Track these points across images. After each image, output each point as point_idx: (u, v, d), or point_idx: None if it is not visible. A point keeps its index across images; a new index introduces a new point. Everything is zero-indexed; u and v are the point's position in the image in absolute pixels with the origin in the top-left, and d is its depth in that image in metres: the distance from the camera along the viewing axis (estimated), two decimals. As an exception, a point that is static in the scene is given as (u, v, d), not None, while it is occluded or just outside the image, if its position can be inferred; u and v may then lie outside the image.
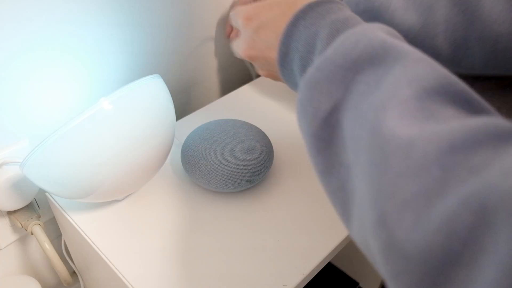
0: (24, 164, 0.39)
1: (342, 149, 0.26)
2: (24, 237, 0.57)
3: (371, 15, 0.41)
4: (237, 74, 0.76)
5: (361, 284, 0.86)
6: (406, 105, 0.23)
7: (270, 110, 0.65)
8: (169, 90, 0.46)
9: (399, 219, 0.20)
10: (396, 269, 0.20)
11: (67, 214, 0.48)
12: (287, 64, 0.34)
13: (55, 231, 0.59)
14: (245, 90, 0.69)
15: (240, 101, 0.67)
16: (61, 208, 0.49)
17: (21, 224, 0.52)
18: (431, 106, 0.22)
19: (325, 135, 0.27)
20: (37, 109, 0.50)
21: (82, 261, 0.57)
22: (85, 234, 0.46)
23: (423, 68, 0.24)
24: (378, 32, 0.27)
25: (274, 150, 0.53)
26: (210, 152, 0.48)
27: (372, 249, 0.23)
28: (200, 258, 0.44)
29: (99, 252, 0.44)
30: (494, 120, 0.20)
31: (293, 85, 0.35)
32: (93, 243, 0.45)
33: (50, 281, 0.65)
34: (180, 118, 0.63)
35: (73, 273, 0.60)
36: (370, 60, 0.26)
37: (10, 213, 0.52)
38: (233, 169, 0.47)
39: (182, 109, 0.68)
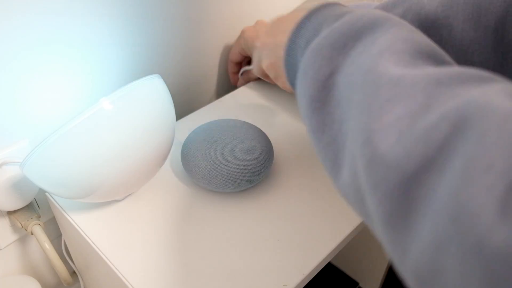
0: (24, 164, 0.39)
1: (336, 107, 0.28)
2: (24, 237, 0.58)
3: None
4: (237, 74, 0.76)
5: (361, 284, 0.86)
6: (400, 56, 0.25)
7: (270, 110, 0.65)
8: (169, 90, 0.46)
9: (384, 135, 0.22)
10: (376, 178, 0.22)
11: (67, 214, 0.48)
12: (292, 51, 0.36)
13: (55, 231, 0.59)
14: (245, 90, 0.69)
15: (240, 101, 0.67)
16: (61, 208, 0.49)
17: (21, 224, 0.52)
18: (422, 62, 0.25)
19: (322, 96, 0.29)
20: (37, 109, 0.50)
21: (82, 261, 0.57)
22: (85, 234, 0.46)
23: (416, 35, 0.27)
24: (382, 12, 0.30)
25: (274, 150, 0.53)
26: (210, 152, 0.48)
27: (360, 179, 0.24)
28: (200, 258, 0.44)
29: (99, 252, 0.44)
30: (476, 70, 0.23)
31: (292, 75, 0.36)
32: (93, 243, 0.45)
33: (50, 281, 0.65)
34: (180, 118, 0.63)
35: (73, 273, 0.60)
36: (371, 28, 0.29)
37: (10, 213, 0.52)
38: (233, 169, 0.47)
39: (182, 109, 0.68)
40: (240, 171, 0.47)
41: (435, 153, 0.20)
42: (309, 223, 0.48)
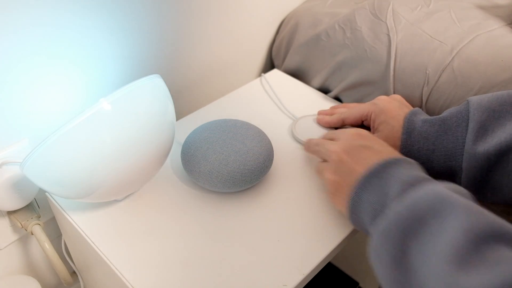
0: (24, 164, 0.39)
1: None
2: (24, 237, 0.58)
3: None
4: (237, 74, 0.76)
5: (361, 284, 0.86)
6: (462, 252, 0.28)
7: (270, 110, 0.65)
8: (169, 90, 0.46)
9: None
10: None
11: (67, 214, 0.48)
12: (358, 211, 0.40)
13: (55, 231, 0.59)
14: (245, 90, 0.69)
15: (240, 101, 0.67)
16: (61, 208, 0.49)
17: (21, 224, 0.52)
18: (486, 251, 0.28)
19: (401, 276, 0.33)
20: (37, 109, 0.50)
21: (82, 261, 0.57)
22: (85, 234, 0.46)
23: (474, 217, 0.30)
24: (437, 188, 0.34)
25: (274, 150, 0.53)
26: (210, 152, 0.48)
27: None
28: (199, 258, 0.44)
29: (99, 252, 0.44)
30: None
31: (359, 226, 0.42)
32: (93, 243, 0.45)
33: (50, 281, 0.65)
34: (180, 118, 0.63)
35: (73, 273, 0.60)
36: (431, 214, 0.32)
37: (10, 213, 0.52)
38: (233, 169, 0.47)
39: (182, 109, 0.68)
40: (240, 171, 0.47)
41: None
42: (309, 223, 0.48)
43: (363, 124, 0.55)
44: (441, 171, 0.46)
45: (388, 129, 0.50)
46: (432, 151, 0.46)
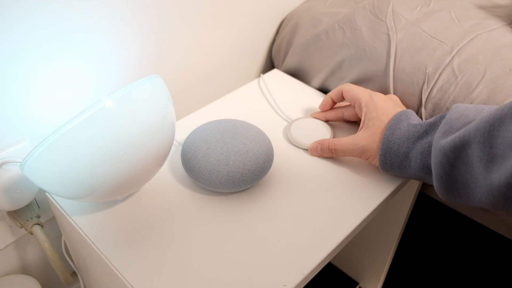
0: (24, 164, 0.39)
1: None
2: (24, 237, 0.58)
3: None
4: (237, 74, 0.76)
5: (361, 284, 0.86)
6: None
7: (270, 110, 0.65)
8: (169, 90, 0.46)
9: None
10: None
11: (67, 214, 0.48)
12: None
13: (55, 231, 0.59)
14: (245, 90, 0.69)
15: (240, 101, 0.67)
16: (61, 208, 0.49)
17: (21, 224, 0.52)
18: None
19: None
20: (38, 109, 0.50)
21: (82, 261, 0.57)
22: (85, 234, 0.46)
23: None
24: None
25: (274, 150, 0.53)
26: (210, 152, 0.48)
27: None
28: (199, 258, 0.44)
29: (99, 253, 0.44)
30: None
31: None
32: (93, 243, 0.45)
33: (50, 281, 0.65)
34: (180, 118, 0.63)
35: (73, 273, 0.60)
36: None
37: (10, 213, 0.52)
38: (233, 169, 0.47)
39: (182, 109, 0.68)
40: (240, 171, 0.47)
41: None
42: (309, 223, 0.48)
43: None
44: (418, 169, 0.47)
45: (377, 125, 0.51)
46: (411, 149, 0.47)
